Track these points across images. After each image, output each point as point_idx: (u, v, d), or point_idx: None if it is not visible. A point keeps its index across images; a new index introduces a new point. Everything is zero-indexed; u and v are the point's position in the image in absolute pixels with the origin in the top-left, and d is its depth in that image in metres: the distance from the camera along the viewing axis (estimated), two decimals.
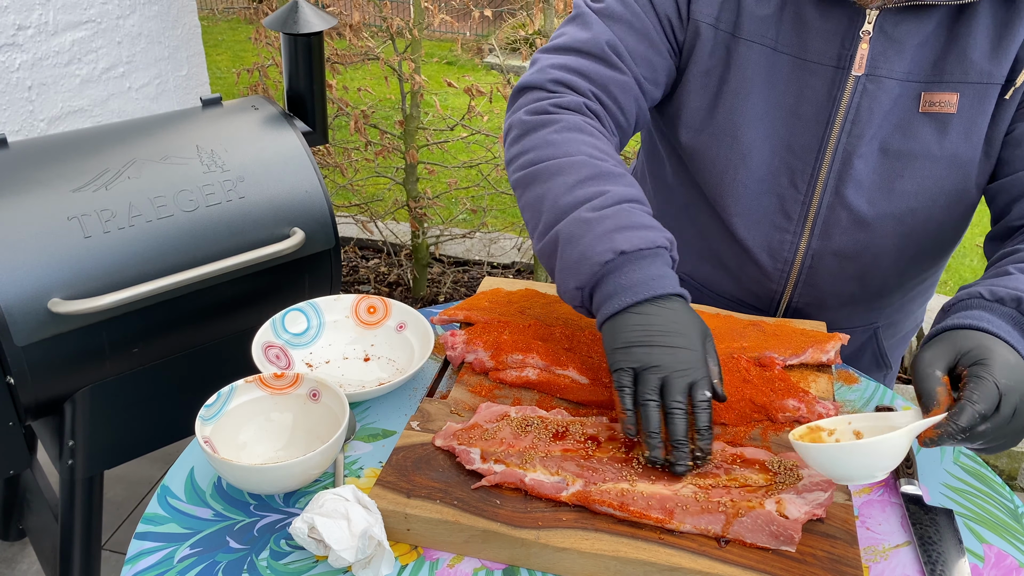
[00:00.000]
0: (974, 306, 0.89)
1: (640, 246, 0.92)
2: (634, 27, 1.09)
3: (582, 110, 1.07)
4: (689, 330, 0.89)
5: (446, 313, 1.16)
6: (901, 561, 0.87)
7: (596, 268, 0.92)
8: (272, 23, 1.69)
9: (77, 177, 1.42)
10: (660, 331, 0.88)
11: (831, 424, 0.87)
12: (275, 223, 1.58)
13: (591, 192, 0.96)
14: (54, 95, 2.27)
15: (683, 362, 0.87)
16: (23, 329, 1.32)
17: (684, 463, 0.85)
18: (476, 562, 0.85)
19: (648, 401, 0.86)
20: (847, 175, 1.08)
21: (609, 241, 0.92)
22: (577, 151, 1.01)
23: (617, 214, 0.94)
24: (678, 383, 0.86)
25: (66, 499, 1.55)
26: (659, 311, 0.90)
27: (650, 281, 0.91)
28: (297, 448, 0.98)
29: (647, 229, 0.93)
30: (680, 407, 0.85)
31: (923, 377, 0.82)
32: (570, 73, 1.08)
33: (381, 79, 3.13)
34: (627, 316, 0.90)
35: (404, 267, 3.25)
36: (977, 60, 1.01)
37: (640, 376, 0.87)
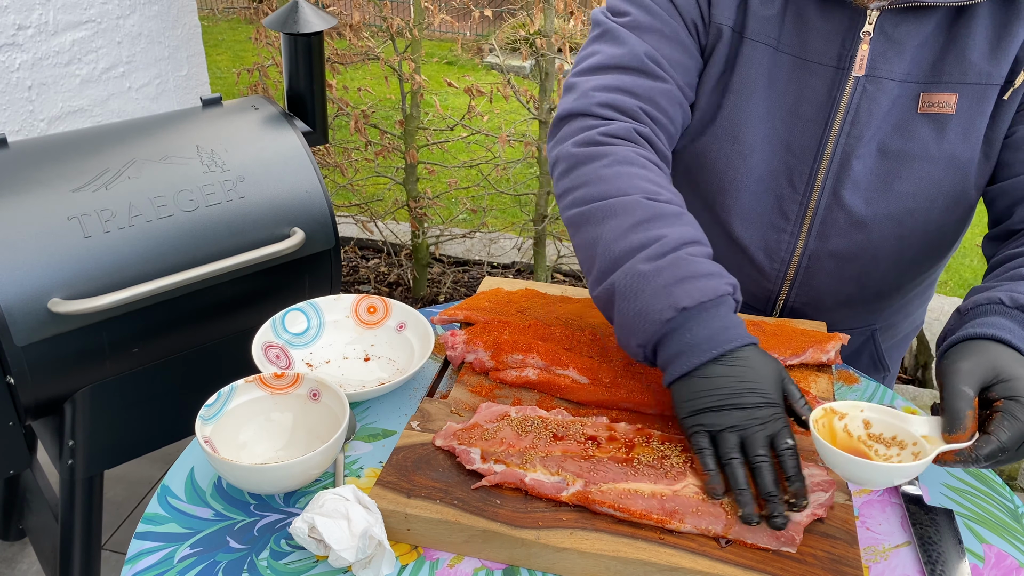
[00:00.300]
0: (995, 312, 0.87)
1: (701, 299, 0.88)
2: (665, 35, 1.07)
3: (632, 137, 1.03)
4: (761, 382, 0.86)
5: (446, 313, 1.16)
6: (901, 561, 0.87)
7: (657, 327, 0.88)
8: (272, 23, 1.69)
9: (77, 177, 1.42)
10: (731, 392, 0.85)
11: (844, 408, 0.87)
12: (275, 223, 1.58)
13: (646, 238, 0.92)
14: (54, 95, 2.27)
15: (759, 418, 0.85)
16: (23, 329, 1.32)
17: (782, 515, 0.81)
18: (476, 562, 0.85)
19: (731, 460, 0.84)
20: (845, 176, 1.08)
21: (668, 297, 0.88)
22: (631, 188, 0.97)
23: (675, 264, 0.90)
24: (757, 438, 0.84)
25: (66, 499, 1.55)
26: (727, 369, 0.86)
27: (715, 337, 0.87)
28: (297, 448, 0.98)
29: (708, 277, 0.90)
30: (764, 459, 0.83)
31: (955, 395, 0.80)
32: (615, 93, 1.05)
33: (381, 79, 3.13)
34: (694, 380, 0.87)
35: (404, 267, 3.25)
36: (976, 61, 1.01)
37: (718, 437, 0.85)
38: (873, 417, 0.87)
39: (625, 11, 1.09)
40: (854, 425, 0.87)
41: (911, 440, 0.84)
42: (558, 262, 3.29)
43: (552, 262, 3.23)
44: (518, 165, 3.29)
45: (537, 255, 3.08)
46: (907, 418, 0.85)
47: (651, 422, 0.99)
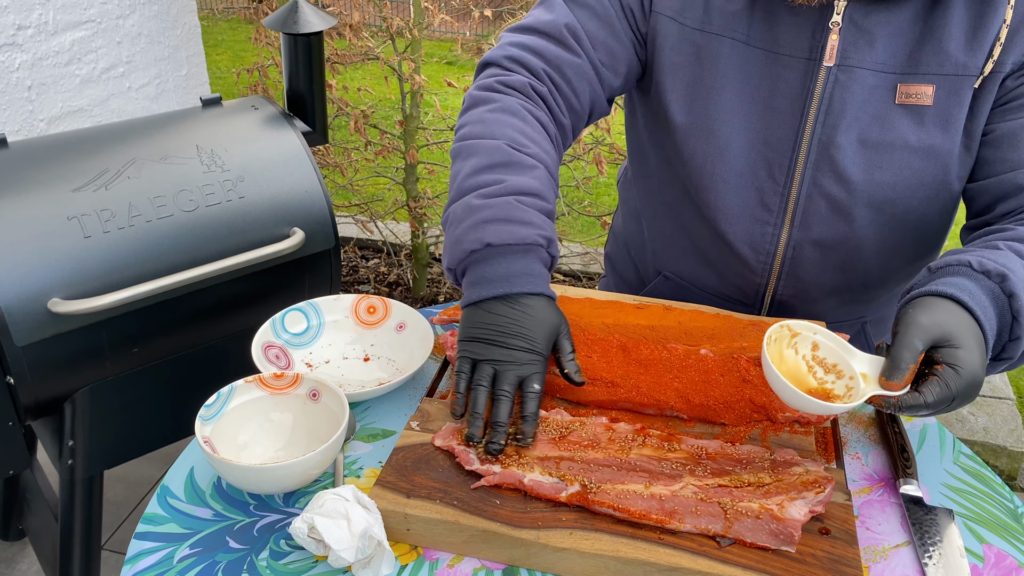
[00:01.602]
0: (961, 274, 0.90)
1: (508, 241, 0.96)
2: (597, 13, 1.12)
3: (526, 91, 1.10)
4: (533, 329, 0.95)
5: (446, 313, 1.16)
6: (901, 561, 0.87)
7: (464, 255, 0.97)
8: (272, 23, 1.69)
9: (77, 177, 1.42)
10: (502, 331, 0.95)
11: (798, 327, 0.92)
12: (275, 223, 1.58)
13: (490, 178, 1.00)
14: (54, 95, 2.27)
15: (516, 360, 0.94)
16: (23, 329, 1.32)
17: (497, 443, 0.90)
18: (476, 562, 0.85)
19: (478, 387, 0.93)
20: (824, 166, 1.09)
21: (481, 231, 0.96)
22: (500, 134, 1.04)
23: (500, 205, 0.98)
24: (508, 375, 0.93)
25: (66, 499, 1.55)
26: (507, 310, 0.95)
27: (511, 278, 0.96)
28: (297, 448, 0.98)
29: (523, 225, 0.97)
30: (506, 394, 0.92)
31: (904, 346, 0.83)
32: (525, 51, 1.12)
33: (381, 79, 3.13)
34: (478, 311, 0.96)
35: (404, 267, 3.25)
36: (952, 52, 1.02)
37: (476, 366, 0.95)
38: (822, 341, 0.92)
39: None
40: (804, 344, 0.92)
41: (849, 373, 0.89)
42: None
43: None
44: None
45: None
46: (852, 351, 0.89)
47: (651, 422, 0.99)
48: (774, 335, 0.90)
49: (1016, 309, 0.87)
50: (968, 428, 2.48)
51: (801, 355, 0.92)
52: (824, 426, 1.02)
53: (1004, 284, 0.88)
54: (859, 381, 0.87)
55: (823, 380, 0.90)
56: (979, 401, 2.59)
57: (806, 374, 0.91)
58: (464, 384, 0.95)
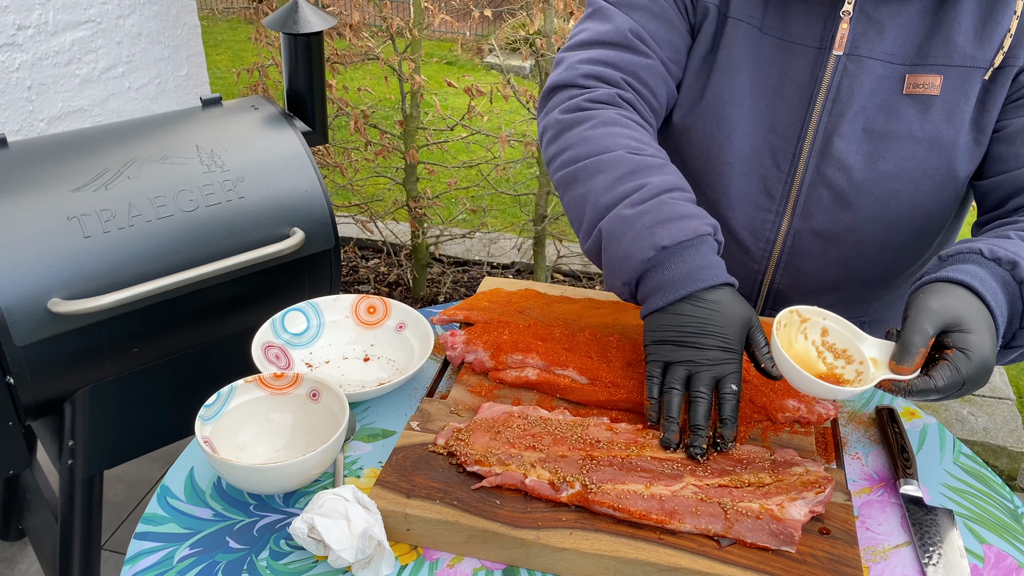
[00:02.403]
0: (972, 261, 0.90)
1: (680, 239, 0.93)
2: (652, 12, 1.11)
3: (615, 101, 1.09)
4: (725, 326, 0.91)
5: (446, 313, 1.16)
6: (901, 561, 0.87)
7: (639, 265, 0.94)
8: (272, 23, 1.69)
9: (77, 177, 1.42)
10: (693, 331, 0.91)
11: (808, 313, 0.92)
12: (275, 223, 1.58)
13: (630, 187, 0.98)
14: (54, 95, 2.27)
15: (711, 359, 0.90)
16: (23, 329, 1.32)
17: (700, 447, 0.87)
18: (476, 562, 0.85)
19: (672, 389, 0.90)
20: (828, 154, 1.10)
21: (650, 237, 0.94)
22: (615, 145, 1.02)
23: (657, 207, 0.95)
24: (704, 376, 0.90)
25: (66, 499, 1.55)
26: (695, 309, 0.92)
27: (691, 275, 0.93)
28: (297, 448, 0.98)
29: (687, 219, 0.95)
30: (703, 396, 0.89)
31: (915, 330, 0.83)
32: (599, 65, 1.11)
33: (381, 79, 3.13)
34: (663, 315, 0.94)
35: (404, 267, 3.25)
36: (961, 44, 1.03)
37: (668, 368, 0.92)
38: (832, 327, 0.92)
39: None
40: (813, 330, 0.92)
41: (859, 358, 0.89)
42: (558, 262, 3.29)
43: (552, 262, 3.23)
44: (518, 165, 3.29)
45: (537, 255, 3.08)
46: (862, 336, 0.90)
47: None
48: (784, 320, 0.90)
49: None
50: (968, 428, 2.48)
51: (811, 341, 0.93)
52: (824, 426, 1.02)
53: (1015, 271, 0.88)
54: (869, 366, 0.87)
55: (832, 365, 0.90)
56: (979, 401, 2.59)
57: (816, 359, 0.92)
58: (656, 389, 0.92)
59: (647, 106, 1.12)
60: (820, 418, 0.98)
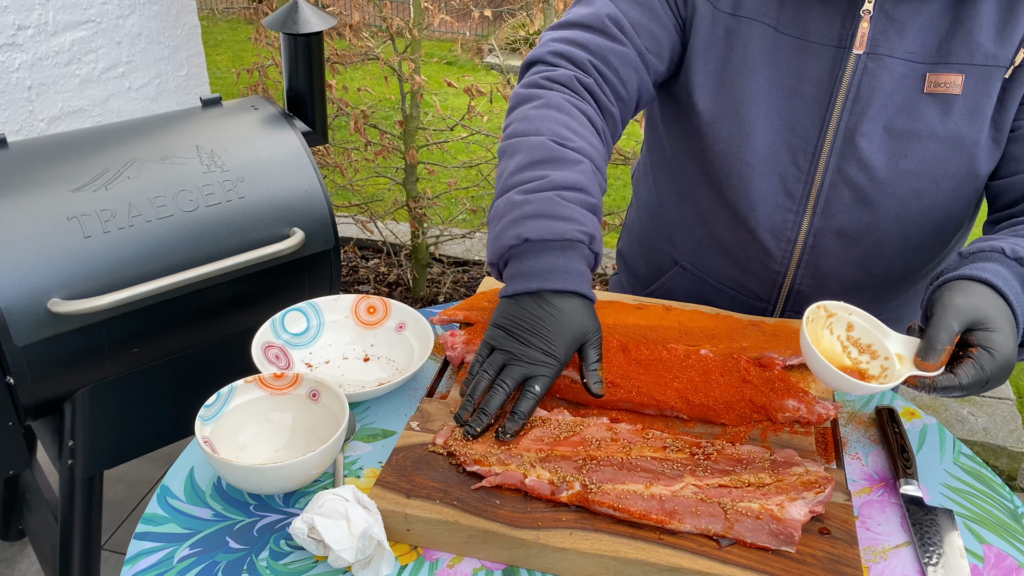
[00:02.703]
0: (994, 259, 0.91)
1: (546, 236, 0.95)
2: (637, 1, 1.12)
3: (571, 84, 1.10)
4: (555, 332, 0.94)
5: (446, 313, 1.16)
6: (901, 561, 0.87)
7: (503, 251, 0.98)
8: (272, 23, 1.69)
9: (77, 177, 1.42)
10: (525, 327, 0.95)
11: (834, 308, 0.94)
12: (275, 223, 1.58)
13: (532, 175, 1.00)
14: (54, 95, 2.27)
15: (529, 357, 0.94)
16: (23, 329, 1.32)
17: (474, 429, 0.92)
18: (476, 562, 0.85)
19: (483, 371, 0.95)
20: (849, 153, 1.09)
21: (520, 226, 0.96)
22: (544, 130, 1.04)
23: (540, 200, 0.97)
24: (514, 370, 0.94)
25: (66, 499, 1.55)
26: (536, 309, 0.95)
27: (545, 274, 0.95)
28: (297, 448, 0.98)
29: (563, 220, 0.96)
30: (504, 386, 0.93)
31: (941, 327, 0.85)
32: (569, 45, 1.12)
33: (381, 79, 3.13)
34: (510, 303, 0.97)
35: (404, 267, 3.25)
36: (983, 42, 1.02)
37: (492, 353, 0.96)
38: (857, 322, 0.93)
39: None
40: (839, 325, 0.94)
41: (884, 354, 0.90)
42: None
43: None
44: None
45: None
46: (887, 332, 0.91)
47: (651, 422, 0.99)
48: (811, 315, 0.91)
49: None
50: (968, 428, 2.48)
51: (836, 336, 0.94)
52: (824, 426, 1.02)
53: None
54: (894, 362, 0.88)
55: (857, 360, 0.92)
56: (979, 401, 2.59)
57: (841, 354, 0.93)
58: (476, 367, 0.96)
59: (612, 92, 1.12)
60: (820, 418, 0.98)
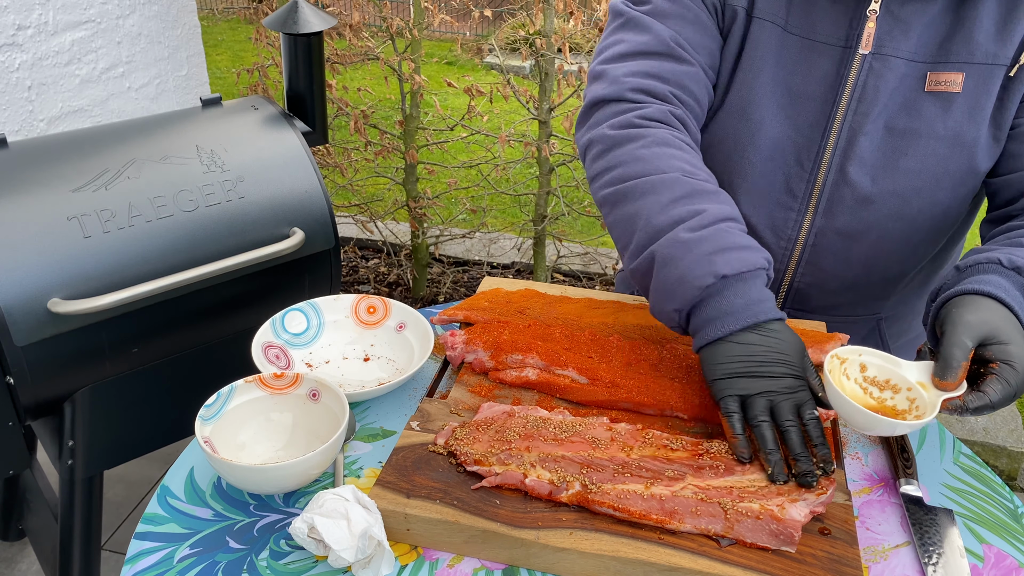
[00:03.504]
0: (992, 271, 0.92)
1: (741, 269, 0.92)
2: (687, 19, 1.11)
3: (668, 120, 1.07)
4: (791, 354, 0.91)
5: (446, 313, 1.16)
6: (901, 561, 0.87)
7: (696, 292, 0.92)
8: (272, 23, 1.69)
9: (77, 177, 1.42)
10: (762, 360, 0.90)
11: (845, 353, 0.94)
12: (275, 223, 1.58)
13: (687, 211, 0.96)
14: (54, 95, 2.27)
15: (788, 387, 0.90)
16: (23, 329, 1.32)
17: (813, 472, 0.85)
18: (476, 562, 0.85)
19: (762, 422, 0.88)
20: (851, 153, 1.10)
21: (709, 264, 0.92)
22: (669, 167, 1.01)
23: (715, 235, 0.94)
24: (786, 406, 0.88)
25: (66, 499, 1.55)
26: (760, 339, 0.91)
27: (751, 307, 0.92)
28: (297, 448, 0.98)
29: (746, 250, 0.94)
30: (794, 424, 0.88)
31: (955, 344, 0.85)
32: (646, 78, 1.09)
33: (381, 79, 3.13)
34: (728, 345, 0.92)
35: (404, 267, 3.25)
36: (983, 41, 1.03)
37: (748, 401, 0.90)
38: (869, 361, 0.94)
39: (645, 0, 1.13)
40: (852, 369, 0.94)
41: (905, 385, 0.91)
42: (558, 262, 3.29)
43: (552, 262, 3.23)
44: (518, 165, 3.29)
45: (537, 255, 3.08)
46: (899, 362, 0.92)
47: (651, 422, 0.99)
48: (828, 367, 0.91)
49: None
50: (968, 428, 2.48)
51: (853, 379, 0.94)
52: (824, 426, 1.02)
53: None
54: (919, 391, 0.89)
55: (881, 399, 0.92)
56: None
57: (864, 397, 0.93)
58: (740, 424, 0.89)
59: (695, 118, 1.11)
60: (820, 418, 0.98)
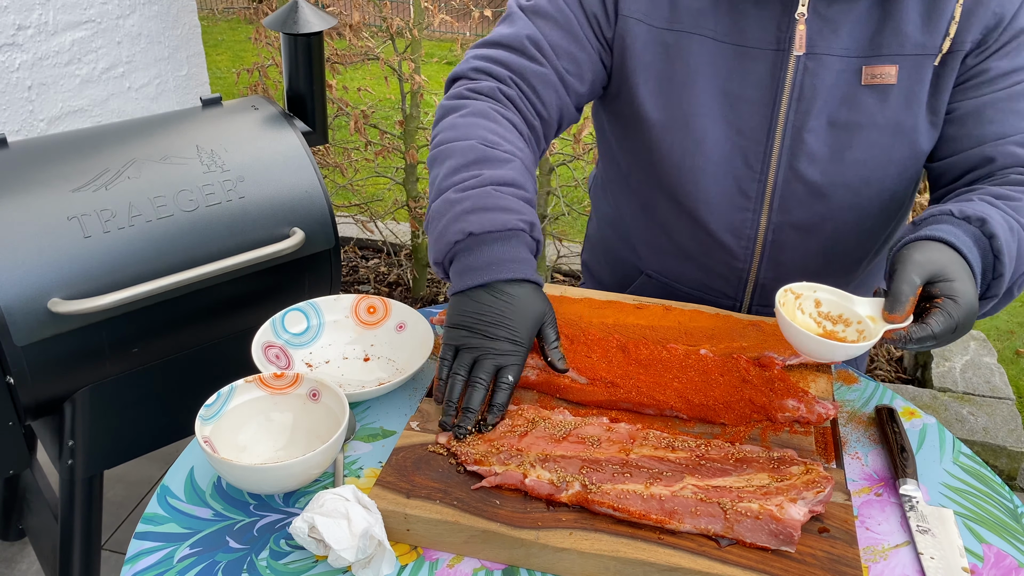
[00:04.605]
0: (944, 220, 0.97)
1: (489, 228, 0.98)
2: (559, 23, 1.14)
3: (494, 94, 1.13)
4: (516, 320, 0.97)
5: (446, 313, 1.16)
6: (901, 561, 0.87)
7: (448, 247, 1.00)
8: (272, 23, 1.69)
9: (77, 177, 1.42)
10: (486, 320, 0.97)
11: (800, 289, 0.99)
12: (275, 223, 1.58)
13: (466, 175, 1.03)
14: (54, 95, 2.27)
15: (498, 349, 0.96)
16: (23, 329, 1.32)
17: (465, 429, 0.93)
18: (476, 562, 0.85)
19: (455, 375, 0.96)
20: (799, 150, 1.13)
21: (462, 222, 0.99)
22: (473, 135, 1.07)
23: (478, 196, 1.00)
24: (486, 364, 0.96)
25: (66, 499, 1.55)
26: (492, 300, 0.97)
27: (494, 265, 0.98)
28: (297, 448, 0.98)
29: (503, 211, 0.99)
30: (481, 382, 0.95)
31: (903, 280, 0.90)
32: (490, 62, 1.15)
33: (381, 79, 3.13)
34: (463, 299, 0.99)
35: (404, 267, 3.25)
36: (911, 33, 1.07)
37: (458, 353, 0.97)
38: (823, 297, 0.99)
39: None
40: (807, 304, 0.99)
41: (856, 319, 0.95)
42: (558, 262, 3.29)
43: (552, 262, 3.23)
44: None
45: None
46: (853, 299, 0.96)
47: (651, 422, 0.99)
48: (781, 299, 0.96)
49: (997, 248, 0.94)
50: (968, 428, 2.48)
51: (808, 314, 0.98)
52: (824, 426, 1.02)
53: (984, 227, 0.95)
54: (867, 323, 0.93)
55: (832, 331, 0.96)
56: (979, 401, 2.58)
57: (816, 329, 0.97)
58: (445, 371, 0.97)
59: (531, 107, 1.16)
60: (820, 418, 0.98)
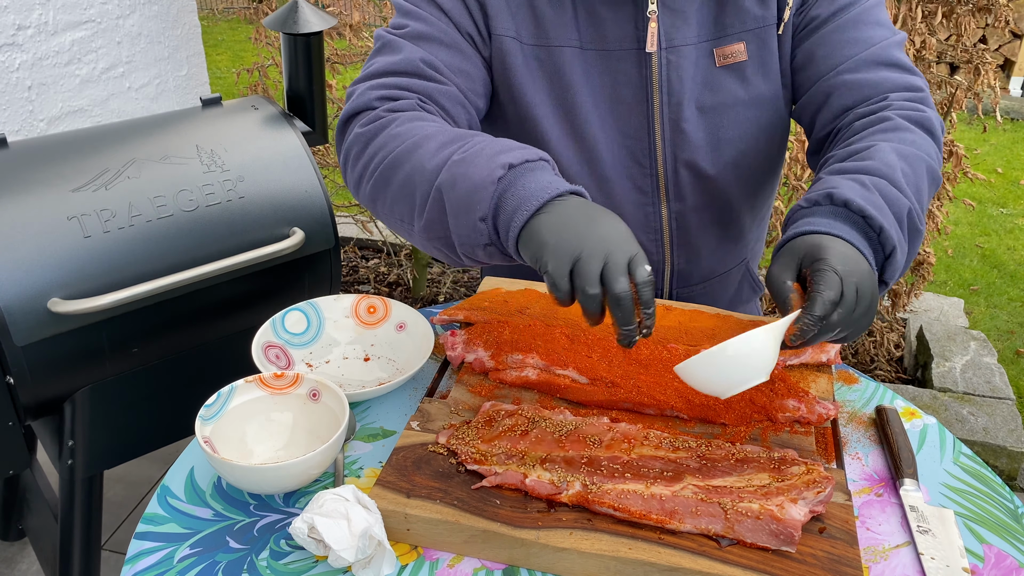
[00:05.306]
0: (798, 216, 0.98)
1: (525, 159, 0.91)
2: (444, 43, 1.11)
3: (415, 108, 1.06)
4: (606, 214, 0.87)
5: (446, 313, 1.16)
6: (901, 561, 0.87)
7: (491, 188, 0.89)
8: (272, 23, 1.69)
9: (77, 177, 1.42)
10: (584, 223, 0.85)
11: None
12: (275, 223, 1.58)
13: (456, 147, 0.95)
14: (54, 95, 2.27)
15: (614, 245, 0.83)
16: (23, 329, 1.32)
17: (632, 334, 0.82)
18: (476, 562, 0.85)
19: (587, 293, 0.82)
20: (679, 140, 1.17)
21: (494, 162, 0.90)
22: (427, 129, 1.00)
23: (489, 143, 0.94)
24: (615, 265, 0.82)
25: (66, 499, 1.55)
26: (568, 207, 0.87)
27: (548, 185, 0.88)
28: (297, 448, 0.98)
29: (522, 148, 0.93)
30: (625, 291, 0.81)
31: (776, 289, 0.89)
32: (392, 88, 1.08)
33: None
34: (541, 219, 0.86)
35: (404, 267, 3.25)
36: (750, 8, 1.14)
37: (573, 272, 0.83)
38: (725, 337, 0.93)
39: (403, 24, 1.13)
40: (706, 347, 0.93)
41: None
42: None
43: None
44: None
45: None
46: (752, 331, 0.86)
47: (651, 422, 0.99)
48: None
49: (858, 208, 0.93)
50: (968, 428, 2.48)
51: None
52: (824, 426, 1.02)
53: (833, 199, 0.95)
54: None
55: None
56: (979, 401, 2.59)
57: None
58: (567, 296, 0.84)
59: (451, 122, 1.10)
60: (820, 418, 0.98)
